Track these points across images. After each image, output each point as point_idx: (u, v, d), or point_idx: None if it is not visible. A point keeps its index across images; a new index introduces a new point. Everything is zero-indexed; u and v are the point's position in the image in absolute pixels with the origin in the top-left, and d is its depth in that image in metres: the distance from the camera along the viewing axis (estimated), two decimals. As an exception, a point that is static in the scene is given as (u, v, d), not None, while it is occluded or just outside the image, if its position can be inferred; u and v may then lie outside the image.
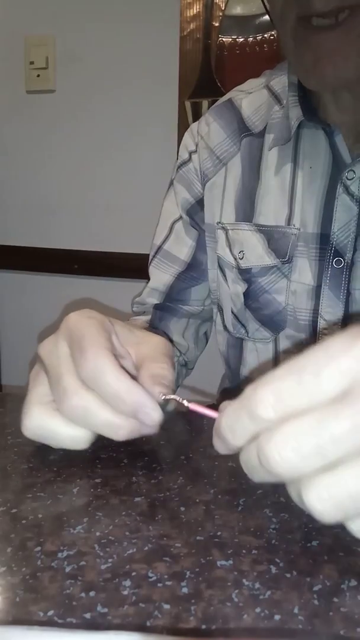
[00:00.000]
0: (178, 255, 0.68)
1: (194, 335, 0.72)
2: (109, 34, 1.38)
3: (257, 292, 0.60)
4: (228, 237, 0.62)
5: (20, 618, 0.22)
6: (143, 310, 0.71)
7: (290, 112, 0.56)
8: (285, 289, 0.58)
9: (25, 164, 1.52)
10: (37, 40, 1.43)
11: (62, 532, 0.28)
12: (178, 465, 0.36)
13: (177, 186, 0.68)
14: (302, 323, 0.58)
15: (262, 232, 0.59)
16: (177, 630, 0.22)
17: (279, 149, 0.59)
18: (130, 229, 1.44)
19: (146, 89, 1.38)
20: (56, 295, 1.54)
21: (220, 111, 0.65)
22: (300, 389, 0.24)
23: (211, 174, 0.64)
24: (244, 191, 0.62)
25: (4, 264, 1.58)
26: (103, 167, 1.46)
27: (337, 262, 0.55)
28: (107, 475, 0.34)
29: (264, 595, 0.24)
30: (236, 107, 0.64)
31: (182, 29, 1.32)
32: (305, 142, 0.57)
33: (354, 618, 0.23)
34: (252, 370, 0.64)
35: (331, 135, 0.55)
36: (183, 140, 0.69)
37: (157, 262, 0.70)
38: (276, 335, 0.60)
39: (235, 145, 0.63)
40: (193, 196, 0.67)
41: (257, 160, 0.61)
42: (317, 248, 0.56)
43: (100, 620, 0.22)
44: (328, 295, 0.56)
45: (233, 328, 0.64)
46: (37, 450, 0.38)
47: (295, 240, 0.57)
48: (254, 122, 0.62)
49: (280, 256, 0.58)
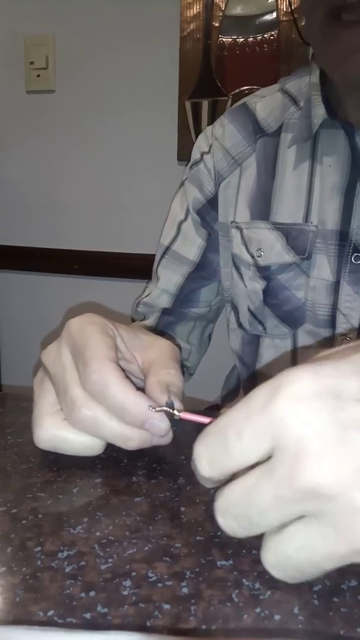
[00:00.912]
0: (187, 256, 0.68)
1: (198, 337, 0.72)
2: (109, 34, 1.38)
3: (276, 289, 0.61)
4: (243, 235, 0.63)
5: (20, 618, 0.22)
6: (145, 313, 0.71)
7: (313, 111, 0.57)
8: (305, 285, 0.59)
9: (25, 164, 1.52)
10: (37, 40, 1.43)
11: (62, 532, 0.28)
12: (178, 465, 0.36)
13: (189, 186, 0.69)
14: (321, 318, 0.59)
15: (280, 230, 0.60)
16: (177, 630, 0.22)
17: (297, 147, 0.59)
18: (131, 229, 1.44)
19: (146, 89, 1.38)
20: (56, 295, 1.54)
21: (235, 114, 0.66)
22: (226, 449, 0.23)
23: (226, 173, 0.65)
24: (258, 190, 0.62)
25: (4, 264, 1.58)
26: (103, 167, 1.46)
27: (356, 258, 0.56)
28: (107, 475, 0.34)
29: (264, 595, 0.24)
30: (250, 110, 0.65)
31: (182, 29, 1.32)
32: (325, 141, 0.58)
33: (354, 618, 0.23)
34: (269, 366, 0.64)
35: (351, 135, 0.56)
36: (196, 143, 0.70)
37: (166, 262, 0.70)
38: (295, 331, 0.61)
39: (250, 146, 0.64)
40: (204, 196, 0.67)
41: (273, 160, 0.62)
42: (337, 245, 0.57)
43: (100, 620, 0.22)
44: (347, 290, 0.57)
45: (249, 325, 0.65)
46: (37, 450, 0.38)
47: (314, 237, 0.58)
48: (269, 123, 0.63)
49: (300, 253, 0.59)
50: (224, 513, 0.24)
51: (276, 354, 0.63)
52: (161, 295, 0.69)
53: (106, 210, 1.47)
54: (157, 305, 0.69)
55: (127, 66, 1.39)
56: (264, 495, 0.22)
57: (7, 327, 1.64)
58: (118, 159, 1.44)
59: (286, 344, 0.62)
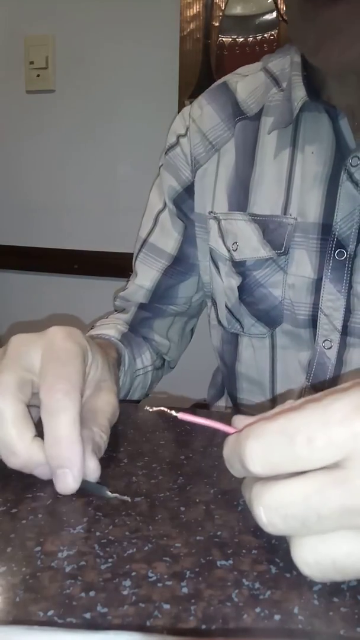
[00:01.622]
0: (164, 249, 0.65)
1: (179, 332, 0.70)
2: (109, 34, 1.38)
3: (252, 286, 0.58)
4: (221, 227, 0.60)
5: (20, 618, 0.22)
6: (124, 307, 0.69)
7: (293, 93, 0.53)
8: (282, 283, 0.56)
9: (25, 163, 1.52)
10: (36, 40, 1.43)
11: (62, 532, 0.28)
12: (178, 465, 0.36)
13: (164, 173, 0.65)
14: (301, 318, 0.56)
15: (257, 222, 0.57)
16: (177, 630, 0.22)
17: (277, 133, 0.56)
18: (131, 229, 1.43)
19: (146, 89, 1.38)
20: (56, 295, 1.54)
21: (215, 94, 0.62)
22: (290, 452, 0.23)
23: (203, 160, 0.61)
24: (237, 179, 0.59)
25: (4, 264, 1.58)
26: (103, 166, 1.46)
27: (340, 254, 0.52)
28: (107, 475, 0.34)
29: (264, 595, 0.24)
30: (231, 91, 0.61)
31: (182, 29, 1.32)
32: (307, 126, 0.54)
33: (354, 618, 0.23)
34: (247, 366, 0.62)
35: (335, 119, 0.52)
36: (172, 124, 0.66)
37: (143, 256, 0.67)
38: (272, 331, 0.58)
39: (229, 130, 0.60)
40: (180, 184, 0.63)
41: (252, 145, 0.58)
42: (318, 239, 0.53)
43: (100, 620, 0.22)
44: (329, 288, 0.53)
45: (228, 323, 0.62)
46: (37, 450, 0.37)
47: (292, 231, 0.55)
48: (249, 105, 0.59)
49: (276, 248, 0.55)
50: (271, 510, 0.23)
51: (255, 354, 0.61)
52: (138, 291, 0.67)
53: (106, 210, 1.47)
54: (134, 300, 0.67)
55: (127, 66, 1.39)
56: (330, 503, 0.22)
57: (7, 327, 1.63)
58: (118, 159, 1.44)
59: (264, 344, 0.59)
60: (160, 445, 0.39)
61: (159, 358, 0.70)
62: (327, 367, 0.56)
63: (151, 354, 0.67)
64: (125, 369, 0.59)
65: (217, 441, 0.40)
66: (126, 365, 0.59)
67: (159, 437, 0.41)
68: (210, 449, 0.39)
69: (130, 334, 0.66)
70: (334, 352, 0.55)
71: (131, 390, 0.63)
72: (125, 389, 0.61)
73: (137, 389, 0.64)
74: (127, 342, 0.63)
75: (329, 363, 0.55)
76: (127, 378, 0.60)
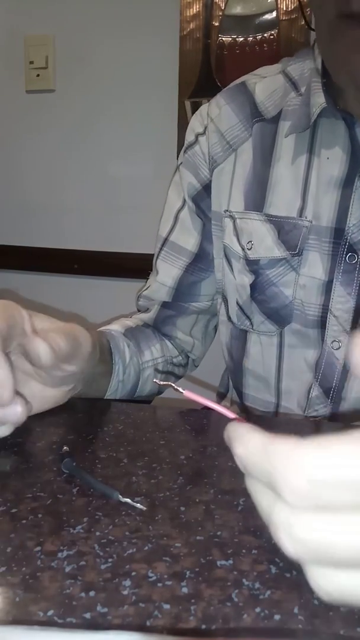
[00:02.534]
0: (185, 246, 0.66)
1: (202, 330, 0.71)
2: (109, 34, 1.38)
3: (264, 284, 0.59)
4: (236, 226, 0.61)
5: (20, 618, 0.22)
6: (147, 307, 0.69)
7: (312, 99, 0.54)
8: (294, 283, 0.57)
9: (25, 163, 1.52)
10: (36, 40, 1.43)
11: (62, 532, 0.28)
12: (178, 465, 0.36)
13: (183, 171, 0.66)
14: (311, 318, 0.57)
15: (272, 223, 0.58)
16: (177, 630, 0.22)
17: (295, 137, 0.57)
18: (131, 228, 1.44)
19: (146, 88, 1.38)
20: (56, 295, 1.54)
21: (233, 94, 0.63)
22: (352, 499, 0.20)
23: (220, 159, 0.62)
24: (254, 179, 0.60)
25: (4, 264, 1.58)
26: (103, 166, 1.46)
27: (351, 258, 0.54)
28: (107, 475, 0.34)
29: (264, 595, 0.24)
30: (249, 91, 0.62)
31: (182, 29, 1.32)
32: (324, 131, 0.55)
33: (354, 618, 0.23)
34: (255, 362, 0.63)
35: (352, 127, 0.53)
36: (190, 123, 0.66)
37: (165, 254, 0.68)
38: (281, 329, 0.60)
39: (246, 130, 0.61)
40: (200, 181, 0.64)
41: (270, 148, 0.59)
42: (331, 242, 0.55)
43: (100, 620, 0.22)
44: (339, 291, 0.55)
45: (237, 319, 0.63)
46: (37, 450, 0.38)
47: (307, 233, 0.56)
48: (267, 108, 0.60)
49: (290, 248, 0.57)
50: (301, 544, 0.20)
51: (262, 351, 0.62)
52: (160, 289, 0.67)
53: (106, 210, 1.47)
54: (157, 298, 0.68)
55: (127, 66, 1.38)
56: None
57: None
58: (118, 159, 1.44)
59: (272, 341, 0.61)
60: (160, 445, 0.39)
61: (183, 356, 0.70)
62: (336, 367, 0.57)
63: (162, 347, 0.67)
64: (126, 359, 0.59)
65: (217, 441, 0.40)
66: (126, 356, 0.60)
67: (159, 437, 0.41)
68: (210, 448, 0.39)
69: (137, 328, 0.66)
70: (342, 352, 0.57)
71: (140, 382, 0.63)
72: (131, 381, 0.61)
73: (148, 382, 0.64)
74: (132, 335, 0.64)
75: (337, 363, 0.57)
76: (130, 369, 0.60)
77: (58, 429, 0.41)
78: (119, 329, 0.63)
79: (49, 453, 0.37)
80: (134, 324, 0.66)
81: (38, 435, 0.40)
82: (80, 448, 0.38)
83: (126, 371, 0.59)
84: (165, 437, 0.41)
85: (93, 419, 0.45)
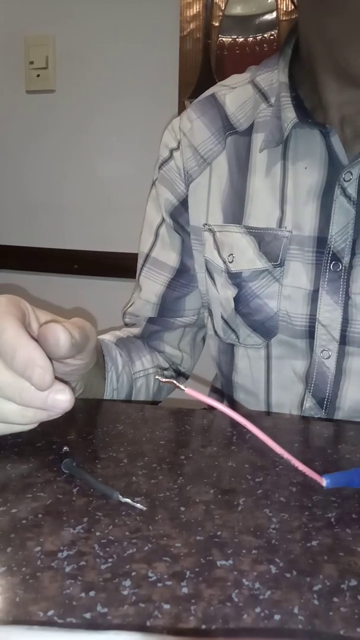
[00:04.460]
0: (166, 262, 0.66)
1: (190, 343, 0.71)
2: (109, 34, 1.38)
3: (247, 297, 0.58)
4: (216, 239, 0.60)
5: (20, 618, 0.22)
6: (134, 323, 0.70)
7: (283, 114, 0.54)
8: (277, 294, 0.57)
9: (25, 164, 1.52)
10: (36, 40, 1.43)
11: (62, 532, 0.28)
12: (178, 465, 0.36)
13: (160, 187, 0.66)
14: (298, 329, 0.57)
15: (252, 235, 0.58)
16: (177, 630, 0.22)
17: (269, 150, 0.57)
18: (131, 229, 1.43)
19: (146, 88, 1.38)
20: (56, 295, 1.53)
21: (204, 107, 0.62)
22: None
23: (195, 174, 0.62)
24: (232, 192, 0.59)
25: (4, 264, 1.58)
26: (103, 166, 1.46)
27: (335, 266, 0.54)
28: (107, 475, 0.34)
29: (264, 595, 0.24)
30: (219, 104, 0.61)
31: (182, 29, 1.32)
32: (299, 141, 0.55)
33: (354, 618, 0.23)
34: (243, 376, 0.63)
35: (327, 136, 0.53)
36: (163, 138, 0.66)
37: (147, 271, 0.68)
38: (268, 341, 0.59)
39: (220, 143, 0.60)
40: (176, 197, 0.64)
41: (245, 160, 0.59)
42: (314, 252, 0.55)
43: (100, 620, 0.22)
44: (326, 300, 0.54)
45: (224, 334, 0.63)
46: (37, 450, 0.38)
47: (287, 243, 0.56)
48: (239, 120, 0.60)
49: (272, 259, 0.56)
50: None
51: (250, 365, 0.61)
52: (145, 306, 0.67)
53: (106, 210, 1.47)
54: (142, 315, 0.68)
55: (127, 66, 1.38)
56: None
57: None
58: (118, 159, 1.44)
59: (260, 354, 0.60)
60: (160, 445, 0.39)
61: (174, 367, 0.70)
62: (327, 376, 0.57)
63: (153, 358, 0.67)
64: (119, 367, 0.60)
65: (217, 441, 0.40)
66: (118, 364, 0.60)
67: (159, 437, 0.41)
68: (210, 448, 0.39)
69: (128, 338, 0.67)
70: (332, 361, 0.56)
71: (133, 392, 0.64)
72: (124, 390, 0.62)
73: (141, 391, 0.65)
74: (123, 345, 0.64)
75: (328, 372, 0.56)
76: (123, 378, 0.61)
77: (58, 429, 0.41)
78: (110, 339, 0.64)
79: (49, 453, 0.37)
80: (124, 335, 0.67)
81: (38, 435, 0.40)
82: (80, 448, 0.38)
83: (119, 379, 0.60)
84: (165, 437, 0.41)
85: (93, 419, 0.45)
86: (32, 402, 0.34)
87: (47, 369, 0.33)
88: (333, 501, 0.32)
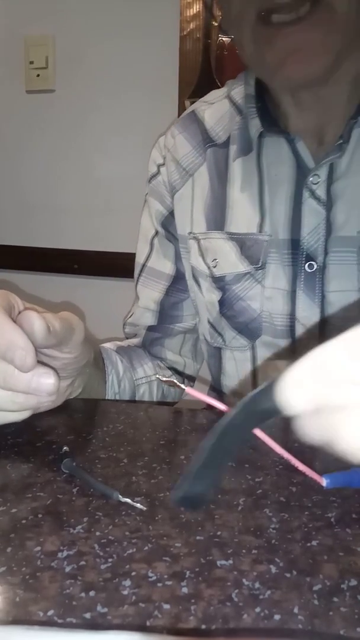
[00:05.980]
0: (163, 270, 0.68)
1: (191, 349, 0.72)
2: (109, 34, 1.38)
3: (231, 299, 0.60)
4: (200, 246, 0.63)
5: (20, 618, 0.22)
6: (135, 333, 0.71)
7: (250, 124, 0.58)
8: (260, 295, 0.59)
9: (25, 163, 1.52)
10: (36, 40, 1.43)
11: (62, 532, 0.28)
12: (178, 465, 0.36)
13: (150, 200, 0.69)
14: (280, 329, 0.58)
15: (234, 240, 0.60)
16: (177, 630, 0.22)
17: (243, 159, 0.59)
18: (130, 229, 1.43)
19: (146, 88, 1.38)
20: (56, 295, 1.53)
21: (185, 123, 0.66)
22: (337, 371, 0.22)
23: (179, 185, 0.65)
24: (213, 201, 0.62)
25: (4, 264, 1.58)
26: (103, 166, 1.46)
27: (310, 266, 0.56)
28: (107, 475, 0.34)
29: (264, 595, 0.24)
30: (199, 119, 0.65)
31: (182, 29, 1.32)
32: (269, 150, 0.58)
33: (354, 618, 0.23)
34: (230, 379, 0.64)
35: (292, 142, 0.56)
36: (151, 154, 0.69)
37: (144, 280, 0.70)
38: (253, 343, 0.60)
39: (200, 156, 0.63)
40: (166, 208, 0.67)
41: (224, 171, 0.61)
42: (289, 253, 0.57)
43: (100, 620, 0.22)
44: (303, 299, 0.56)
45: (210, 337, 0.64)
46: (37, 450, 0.38)
47: (267, 247, 0.58)
48: (217, 133, 0.63)
49: (254, 262, 0.59)
50: None
51: (237, 367, 0.63)
52: (144, 314, 0.69)
53: (106, 210, 1.47)
54: (142, 323, 0.69)
55: (127, 66, 1.38)
56: None
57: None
58: (118, 159, 1.44)
59: (246, 356, 0.61)
60: (160, 445, 0.39)
61: (177, 375, 0.71)
62: None
63: (154, 366, 0.68)
64: (120, 372, 0.61)
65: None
66: (119, 369, 0.61)
67: (159, 437, 0.41)
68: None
69: (129, 347, 0.68)
70: None
71: (136, 399, 0.65)
72: (127, 396, 0.63)
73: (144, 398, 0.66)
74: (124, 352, 0.66)
75: None
76: (124, 383, 0.62)
77: (58, 429, 0.41)
78: (111, 346, 0.65)
79: (49, 453, 0.37)
80: (126, 344, 0.68)
81: (38, 435, 0.40)
82: (80, 448, 0.38)
83: (121, 384, 0.61)
84: (165, 437, 0.41)
85: (93, 419, 0.45)
86: (17, 385, 0.35)
87: (28, 350, 0.34)
88: (333, 501, 0.32)
